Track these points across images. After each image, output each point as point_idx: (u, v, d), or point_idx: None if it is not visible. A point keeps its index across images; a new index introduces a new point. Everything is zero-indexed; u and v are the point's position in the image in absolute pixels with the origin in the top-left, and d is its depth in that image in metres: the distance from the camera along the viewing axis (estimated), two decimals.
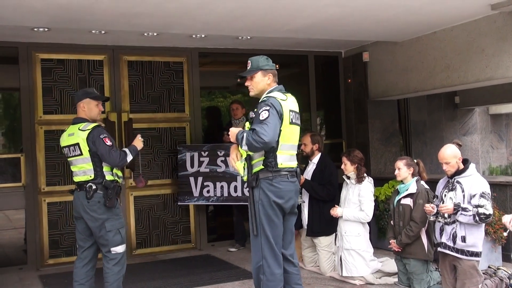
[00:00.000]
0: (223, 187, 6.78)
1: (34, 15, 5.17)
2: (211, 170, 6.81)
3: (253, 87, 4.01)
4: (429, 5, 5.30)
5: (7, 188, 6.35)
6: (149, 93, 7.00)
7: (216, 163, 6.81)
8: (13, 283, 5.83)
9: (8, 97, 7.04)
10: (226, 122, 7.61)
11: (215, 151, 6.86)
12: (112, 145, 4.37)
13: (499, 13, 5.45)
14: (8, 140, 6.97)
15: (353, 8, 5.32)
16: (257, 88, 3.99)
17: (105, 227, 4.35)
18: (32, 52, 6.47)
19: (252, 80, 3.99)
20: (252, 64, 4.01)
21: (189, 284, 5.46)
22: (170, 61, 7.19)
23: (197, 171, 6.84)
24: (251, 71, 3.99)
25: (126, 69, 6.70)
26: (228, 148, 6.79)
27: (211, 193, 6.82)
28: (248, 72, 4.00)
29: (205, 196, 6.85)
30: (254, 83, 4.00)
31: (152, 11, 5.18)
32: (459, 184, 4.53)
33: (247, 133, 3.76)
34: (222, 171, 6.79)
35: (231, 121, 7.27)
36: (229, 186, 6.77)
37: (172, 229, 7.03)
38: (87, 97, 4.53)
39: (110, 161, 4.36)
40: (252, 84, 4.00)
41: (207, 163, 6.82)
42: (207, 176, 6.85)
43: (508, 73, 5.56)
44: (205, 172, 6.83)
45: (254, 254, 3.90)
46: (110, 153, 4.32)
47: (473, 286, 4.45)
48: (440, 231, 4.63)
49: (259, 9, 5.31)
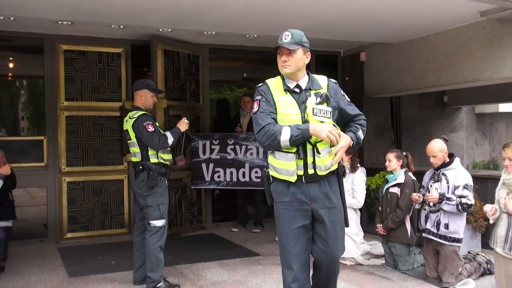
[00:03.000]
0: (232, 173, 6.84)
1: (58, 9, 5.18)
2: (222, 157, 6.87)
3: (292, 64, 3.09)
4: (423, 11, 5.30)
5: (31, 167, 6.39)
6: (177, 82, 6.89)
7: (226, 151, 6.86)
8: (34, 254, 5.89)
9: (33, 84, 7.07)
10: (233, 113, 7.64)
11: (225, 140, 6.91)
12: (154, 130, 4.39)
13: (487, 19, 5.45)
14: (32, 124, 7.01)
15: (352, 11, 5.32)
16: (296, 66, 3.10)
17: (147, 202, 4.43)
18: (56, 43, 6.47)
19: (292, 56, 3.09)
20: (293, 37, 3.12)
21: (195, 260, 5.51)
22: (190, 54, 7.12)
23: (209, 158, 6.89)
24: (293, 43, 3.10)
25: (162, 58, 6.54)
26: (237, 137, 6.90)
27: (221, 178, 6.88)
28: (291, 44, 3.09)
29: (216, 181, 6.91)
30: (294, 60, 3.09)
31: (166, 7, 5.18)
32: (444, 176, 4.57)
33: (359, 126, 3.21)
34: (231, 158, 6.84)
35: (239, 112, 7.31)
36: (237, 172, 6.83)
37: (190, 210, 7.06)
38: (146, 88, 4.59)
39: (151, 145, 4.41)
40: (290, 60, 3.09)
41: (218, 151, 6.88)
42: (218, 162, 6.90)
43: (494, 76, 5.56)
44: (216, 159, 6.88)
45: (341, 246, 3.20)
46: (151, 138, 4.37)
47: (453, 269, 4.49)
48: (425, 219, 4.67)
49: (266, 9, 5.30)
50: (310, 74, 3.17)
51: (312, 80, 3.15)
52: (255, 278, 4.83)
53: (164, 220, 4.48)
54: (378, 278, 4.80)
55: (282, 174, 3.04)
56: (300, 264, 3.08)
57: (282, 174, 3.05)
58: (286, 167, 3.01)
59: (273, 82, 3.18)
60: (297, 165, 2.99)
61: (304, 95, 3.09)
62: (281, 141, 2.91)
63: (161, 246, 4.47)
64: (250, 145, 6.77)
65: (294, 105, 3.06)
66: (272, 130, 2.94)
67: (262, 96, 3.11)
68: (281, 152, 3.02)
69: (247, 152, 6.81)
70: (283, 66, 3.10)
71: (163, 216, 4.48)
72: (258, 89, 3.17)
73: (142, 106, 4.58)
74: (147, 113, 4.54)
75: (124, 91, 6.83)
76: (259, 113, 3.05)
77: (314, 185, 3.04)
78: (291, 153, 2.99)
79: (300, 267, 3.08)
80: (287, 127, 2.93)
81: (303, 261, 3.10)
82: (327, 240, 3.08)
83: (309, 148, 3.00)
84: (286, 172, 3.02)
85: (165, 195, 4.53)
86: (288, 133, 2.91)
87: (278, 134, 2.92)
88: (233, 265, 5.31)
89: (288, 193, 3.06)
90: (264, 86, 3.16)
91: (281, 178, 3.06)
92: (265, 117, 3.02)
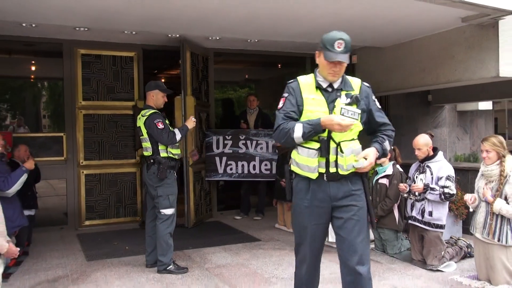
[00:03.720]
0: (244, 166, 6.90)
1: (76, 17, 5.17)
2: (234, 151, 6.92)
3: (340, 73, 2.81)
4: (410, 18, 5.28)
5: (52, 161, 6.40)
6: (197, 82, 6.82)
7: (238, 145, 6.91)
8: (55, 240, 5.91)
9: (53, 85, 7.07)
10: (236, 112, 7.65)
11: (237, 135, 6.95)
12: (163, 127, 4.39)
13: (468, 25, 5.43)
14: (53, 121, 7.02)
15: (345, 18, 5.30)
16: (341, 74, 2.83)
17: (157, 192, 4.44)
18: (74, 48, 6.47)
19: (343, 65, 2.77)
20: (346, 45, 2.75)
21: (202, 245, 5.52)
22: (204, 56, 7.10)
23: (222, 152, 6.93)
24: (347, 54, 2.74)
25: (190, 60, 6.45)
26: (248, 133, 6.93)
27: (233, 170, 6.93)
28: (347, 57, 2.73)
29: (228, 173, 6.95)
30: (343, 68, 2.80)
31: (175, 16, 5.17)
32: (429, 168, 4.57)
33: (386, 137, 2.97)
34: (243, 152, 6.89)
35: (246, 110, 7.32)
36: (248, 164, 6.89)
37: (205, 199, 7.06)
38: (157, 89, 4.58)
39: (161, 140, 4.41)
40: (341, 69, 2.79)
41: (230, 145, 6.94)
42: (230, 156, 6.93)
43: (474, 76, 5.54)
44: (228, 153, 6.92)
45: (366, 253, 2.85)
46: (161, 135, 4.38)
47: (437, 253, 4.50)
48: (411, 207, 4.68)
49: (265, 17, 5.29)
50: (344, 75, 2.89)
51: (345, 81, 2.89)
52: (256, 261, 4.85)
53: (173, 209, 4.49)
54: None
55: (304, 170, 2.82)
56: (314, 257, 2.95)
57: (303, 170, 2.82)
58: (308, 163, 2.79)
59: (304, 79, 2.92)
60: (319, 162, 2.76)
61: (334, 94, 2.84)
62: (295, 138, 2.74)
63: (171, 233, 4.48)
64: (260, 140, 6.85)
65: (323, 103, 2.82)
66: (286, 128, 2.77)
67: (289, 94, 2.89)
68: (304, 147, 2.81)
69: (258, 146, 6.88)
70: (332, 75, 2.79)
71: (172, 205, 4.49)
72: (288, 85, 2.93)
73: (154, 105, 4.58)
74: (157, 111, 4.54)
75: (136, 91, 6.83)
76: (281, 111, 2.86)
77: (335, 184, 2.80)
78: (314, 149, 2.77)
79: (313, 261, 2.95)
80: (299, 124, 2.74)
81: (316, 254, 2.95)
82: (346, 239, 2.81)
83: (333, 146, 2.76)
84: (307, 168, 2.80)
85: (174, 186, 4.53)
86: (300, 130, 2.73)
87: (292, 131, 2.74)
88: (236, 250, 5.33)
89: (308, 191, 2.84)
90: (295, 83, 2.92)
91: (303, 175, 2.84)
92: (284, 117, 2.82)
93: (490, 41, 5.26)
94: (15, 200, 4.36)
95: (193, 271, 4.53)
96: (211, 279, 4.31)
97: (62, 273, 4.55)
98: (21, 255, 4.51)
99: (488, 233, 3.94)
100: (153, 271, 4.53)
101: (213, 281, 4.24)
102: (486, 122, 8.47)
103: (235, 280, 4.26)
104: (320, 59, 2.82)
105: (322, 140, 2.75)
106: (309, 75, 2.94)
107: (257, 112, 7.24)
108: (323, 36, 2.81)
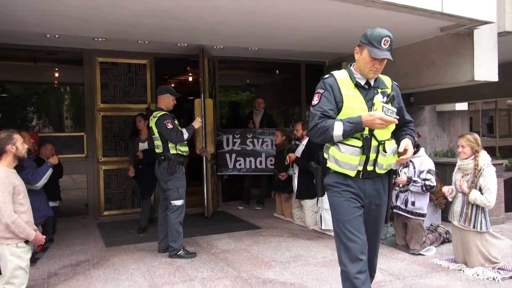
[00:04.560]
0: (251, 161, 6.94)
1: (95, 28, 5.17)
2: (242, 148, 6.96)
3: (380, 70, 2.56)
4: (394, 28, 5.21)
5: (74, 158, 6.41)
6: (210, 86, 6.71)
7: (246, 143, 6.94)
8: (77, 228, 5.92)
9: (74, 90, 7.06)
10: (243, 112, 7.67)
11: (245, 134, 6.99)
12: (172, 127, 4.37)
13: (446, 34, 5.42)
14: (74, 122, 7.01)
15: (335, 29, 5.30)
16: (381, 71, 2.59)
17: (168, 186, 4.43)
18: (93, 56, 6.46)
19: (384, 62, 2.53)
20: (391, 43, 2.50)
21: (208, 232, 5.52)
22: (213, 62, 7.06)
23: (231, 149, 6.96)
24: (390, 51, 2.51)
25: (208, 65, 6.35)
26: (255, 132, 6.98)
27: (242, 165, 6.97)
28: (390, 53, 2.50)
29: (237, 168, 6.98)
30: (383, 66, 2.54)
31: (184, 27, 5.17)
32: (412, 163, 4.57)
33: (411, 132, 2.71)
34: (250, 149, 6.92)
35: (253, 111, 7.35)
36: (255, 160, 6.93)
37: (215, 191, 7.04)
38: (167, 93, 4.56)
39: (170, 139, 4.40)
40: (381, 66, 2.53)
41: (239, 143, 6.96)
42: (239, 153, 6.96)
43: (451, 80, 5.54)
44: (237, 150, 6.95)
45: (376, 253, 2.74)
46: (170, 134, 4.37)
47: (419, 238, 4.50)
48: (395, 197, 4.68)
49: (264, 28, 5.28)
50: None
51: (379, 79, 2.61)
52: (257, 247, 4.85)
53: (182, 200, 4.48)
54: None
55: (343, 167, 2.50)
56: (365, 253, 2.49)
57: (342, 168, 2.50)
58: (350, 161, 2.47)
59: (340, 75, 2.57)
60: (359, 160, 2.47)
61: (372, 92, 2.54)
62: (334, 136, 2.42)
63: (180, 221, 4.48)
64: (266, 138, 6.91)
65: (361, 101, 2.50)
66: (325, 126, 2.43)
67: (325, 90, 2.51)
68: (346, 145, 2.47)
69: (263, 144, 6.93)
70: (373, 72, 2.50)
71: (181, 197, 4.48)
72: (324, 81, 2.56)
73: (165, 107, 4.56)
74: (167, 113, 4.52)
75: (149, 95, 6.82)
76: (317, 109, 2.49)
77: (369, 182, 2.54)
78: (357, 147, 2.46)
79: (364, 257, 2.48)
80: (339, 122, 2.42)
81: (365, 250, 2.50)
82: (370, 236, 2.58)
83: (374, 145, 2.47)
84: (348, 166, 2.48)
85: (182, 179, 4.51)
86: (341, 129, 2.41)
87: (331, 129, 2.42)
88: (239, 236, 5.32)
89: (347, 185, 2.53)
90: (331, 79, 2.55)
91: (340, 171, 2.52)
92: (321, 115, 2.47)
93: (466, 48, 5.25)
94: (41, 193, 4.36)
95: (200, 256, 4.54)
96: (216, 262, 4.32)
97: (84, 258, 4.56)
98: (47, 242, 4.52)
99: (465, 220, 3.95)
100: (165, 256, 4.54)
101: (219, 265, 4.25)
102: (462, 121, 8.47)
103: (238, 264, 4.26)
104: (363, 55, 2.49)
105: (365, 138, 2.45)
106: (341, 71, 2.61)
107: (263, 113, 7.29)
108: (368, 32, 2.49)
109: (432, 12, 4.41)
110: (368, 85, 2.56)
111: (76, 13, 4.51)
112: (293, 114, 8.72)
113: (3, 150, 3.29)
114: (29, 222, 3.32)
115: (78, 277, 3.99)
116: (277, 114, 8.85)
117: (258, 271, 4.02)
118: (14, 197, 3.22)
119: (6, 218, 3.14)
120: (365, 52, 2.48)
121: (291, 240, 5.11)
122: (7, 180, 3.19)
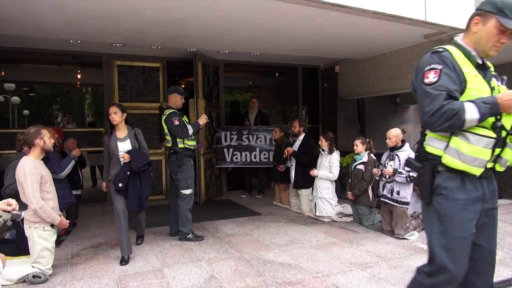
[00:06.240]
0: (247, 155, 6.93)
1: (112, 35, 5.15)
2: (239, 143, 6.95)
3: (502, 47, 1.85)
4: (382, 36, 5.25)
5: (95, 151, 6.42)
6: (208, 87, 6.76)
7: (242, 139, 6.94)
8: (98, 214, 5.93)
9: (95, 90, 7.06)
10: (242, 112, 7.65)
11: (241, 131, 6.97)
12: (179, 124, 4.35)
13: (429, 41, 5.39)
14: (95, 119, 7.01)
15: (329, 36, 5.27)
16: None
17: (177, 176, 4.42)
18: (112, 60, 6.45)
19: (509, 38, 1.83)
20: None
21: (215, 218, 5.52)
22: (214, 67, 7.06)
23: (229, 144, 6.95)
24: None
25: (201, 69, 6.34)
26: (250, 129, 6.99)
27: (238, 159, 6.96)
28: None
29: (234, 161, 6.98)
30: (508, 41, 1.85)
31: (193, 35, 5.15)
32: (397, 156, 4.56)
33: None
34: (246, 144, 6.93)
35: (248, 110, 7.32)
36: (250, 154, 6.93)
37: (216, 182, 7.05)
38: (175, 92, 4.53)
39: (176, 134, 4.38)
40: (508, 42, 1.85)
41: (235, 139, 6.95)
42: (236, 147, 6.95)
43: None
44: (234, 145, 6.94)
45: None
46: (176, 129, 4.35)
47: (403, 224, 4.50)
48: (382, 187, 4.68)
49: (264, 36, 5.26)
50: None
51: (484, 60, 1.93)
52: (258, 231, 4.86)
53: (191, 190, 4.47)
54: (348, 231, 4.82)
55: (467, 163, 1.76)
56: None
57: (466, 163, 1.77)
58: (481, 155, 1.74)
59: (455, 50, 1.85)
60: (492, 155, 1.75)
61: (489, 73, 1.89)
62: (467, 121, 1.70)
63: (189, 208, 4.48)
64: (260, 135, 6.92)
65: (484, 83, 1.82)
66: (453, 109, 1.71)
67: (444, 66, 1.78)
68: (478, 135, 1.74)
69: (258, 139, 6.93)
70: (495, 48, 1.82)
71: (190, 187, 4.47)
72: (441, 55, 1.81)
73: (173, 105, 4.53)
74: (175, 111, 4.49)
75: (162, 94, 6.81)
76: (438, 88, 1.76)
77: (485, 181, 1.85)
78: (492, 138, 1.73)
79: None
80: (469, 103, 1.71)
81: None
82: (485, 248, 1.89)
83: (503, 135, 1.77)
84: (477, 162, 1.75)
85: (190, 171, 4.49)
86: (475, 111, 1.70)
87: (462, 112, 1.70)
88: (242, 222, 5.33)
89: (465, 189, 1.81)
90: (447, 53, 1.82)
91: (458, 169, 1.79)
92: (446, 96, 1.74)
93: None
94: (65, 182, 4.37)
95: (207, 239, 4.55)
96: (222, 245, 4.33)
97: (103, 240, 4.58)
98: (70, 226, 4.54)
99: None
100: (175, 239, 4.55)
101: (224, 247, 4.26)
102: None
103: (241, 246, 4.27)
104: (488, 27, 1.81)
105: (500, 126, 1.74)
106: (454, 46, 1.88)
107: (257, 111, 7.27)
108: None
109: (417, 21, 4.39)
110: (485, 65, 1.91)
111: (97, 22, 4.50)
112: (291, 113, 8.71)
113: (32, 143, 3.30)
114: (55, 208, 3.33)
115: (98, 257, 4.00)
116: (277, 113, 8.85)
117: (259, 253, 4.03)
118: (42, 186, 3.23)
119: (34, 204, 3.16)
120: (492, 23, 1.79)
121: (288, 225, 5.12)
122: (35, 170, 3.20)
